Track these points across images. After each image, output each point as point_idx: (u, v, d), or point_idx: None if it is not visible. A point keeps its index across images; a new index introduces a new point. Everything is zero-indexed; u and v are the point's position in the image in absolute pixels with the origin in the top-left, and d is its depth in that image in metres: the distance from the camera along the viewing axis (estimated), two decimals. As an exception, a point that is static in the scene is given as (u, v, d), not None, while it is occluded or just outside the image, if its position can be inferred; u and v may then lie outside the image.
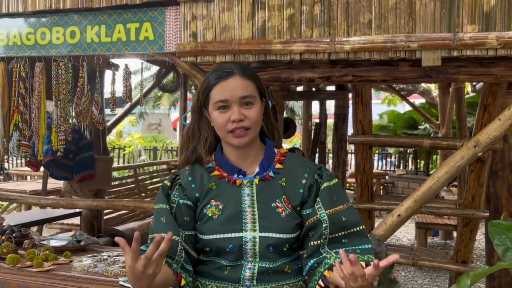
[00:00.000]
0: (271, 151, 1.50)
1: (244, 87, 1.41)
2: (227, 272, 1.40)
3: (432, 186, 2.34)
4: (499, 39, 2.16)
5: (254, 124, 1.41)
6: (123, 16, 2.75)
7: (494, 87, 2.80)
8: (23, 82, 3.05)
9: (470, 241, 3.13)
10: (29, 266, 2.52)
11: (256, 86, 1.46)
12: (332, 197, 1.43)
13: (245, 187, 1.43)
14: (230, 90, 1.40)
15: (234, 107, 1.40)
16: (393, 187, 9.54)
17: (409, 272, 5.34)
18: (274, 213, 1.40)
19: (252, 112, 1.41)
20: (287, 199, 1.42)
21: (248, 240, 1.38)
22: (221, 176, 1.46)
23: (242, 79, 1.42)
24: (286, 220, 1.39)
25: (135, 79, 12.63)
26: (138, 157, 12.46)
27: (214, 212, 1.42)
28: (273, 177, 1.45)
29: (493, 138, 2.27)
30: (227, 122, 1.40)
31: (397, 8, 2.31)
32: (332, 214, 1.41)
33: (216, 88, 1.42)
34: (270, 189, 1.43)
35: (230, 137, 1.42)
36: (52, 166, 4.04)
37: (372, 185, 3.29)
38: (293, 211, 1.41)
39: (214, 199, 1.43)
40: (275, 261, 1.39)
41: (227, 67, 1.46)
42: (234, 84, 1.41)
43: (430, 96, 8.05)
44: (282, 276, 1.41)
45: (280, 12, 2.46)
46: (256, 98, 1.43)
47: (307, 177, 1.45)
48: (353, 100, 3.21)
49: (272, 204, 1.41)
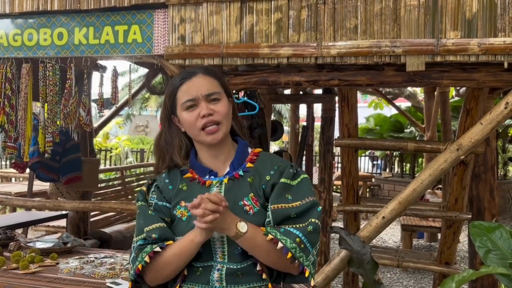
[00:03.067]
0: (243, 150, 1.50)
1: (208, 84, 1.44)
2: (198, 273, 1.41)
3: (416, 189, 2.39)
4: (481, 46, 2.22)
5: (223, 117, 1.42)
6: (111, 18, 2.75)
7: (476, 92, 2.86)
8: (9, 83, 3.03)
9: (453, 242, 3.18)
10: (15, 269, 2.50)
11: (221, 84, 1.47)
12: (283, 193, 1.40)
13: (214, 187, 1.44)
14: (195, 88, 1.42)
15: (202, 104, 1.41)
16: (379, 190, 9.64)
17: (394, 273, 5.40)
18: (241, 212, 1.39)
19: (219, 107, 1.42)
20: (254, 196, 1.41)
21: (216, 239, 1.39)
22: (193, 178, 1.47)
23: (206, 76, 1.45)
24: (253, 218, 1.39)
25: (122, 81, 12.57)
26: (125, 159, 12.39)
27: (183, 213, 1.43)
28: (242, 175, 1.44)
29: (475, 142, 2.32)
30: (197, 119, 1.41)
31: (383, 14, 2.36)
32: (276, 209, 1.39)
33: (181, 89, 1.44)
34: (239, 187, 1.43)
35: (202, 135, 1.42)
36: (38, 167, 4.01)
37: (357, 188, 3.33)
38: (261, 209, 1.41)
39: (184, 200, 1.44)
40: (242, 262, 1.39)
41: (190, 69, 1.49)
42: (198, 82, 1.43)
43: (415, 99, 8.15)
44: (252, 278, 1.39)
45: (268, 16, 2.49)
46: (222, 94, 1.45)
47: (273, 174, 1.44)
48: (339, 103, 3.25)
49: (240, 202, 1.41)
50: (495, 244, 2.09)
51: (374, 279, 2.34)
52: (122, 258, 2.74)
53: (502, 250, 2.05)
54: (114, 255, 2.82)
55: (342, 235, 2.34)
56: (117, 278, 2.39)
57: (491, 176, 3.53)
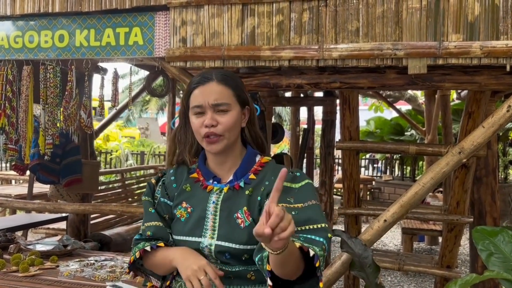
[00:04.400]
0: (250, 160, 1.48)
1: (219, 94, 1.41)
2: None
3: (418, 192, 2.38)
4: (483, 48, 2.21)
5: (226, 131, 1.40)
6: (113, 21, 2.75)
7: (478, 95, 2.85)
8: (10, 85, 3.03)
9: (454, 246, 3.17)
10: (14, 271, 2.49)
11: (234, 94, 1.44)
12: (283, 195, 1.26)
13: (213, 194, 1.44)
14: (205, 96, 1.41)
15: (208, 113, 1.40)
16: (379, 193, 9.62)
17: (395, 277, 5.38)
18: (233, 224, 1.38)
19: (225, 119, 1.40)
20: (248, 210, 1.39)
21: (204, 246, 1.39)
22: (197, 180, 1.48)
23: (219, 85, 1.42)
24: (243, 231, 1.37)
25: (123, 83, 12.57)
26: (125, 161, 12.39)
27: (182, 214, 1.44)
28: (242, 187, 1.43)
29: (477, 145, 2.31)
30: (201, 126, 1.41)
31: (384, 17, 2.35)
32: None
33: (194, 93, 1.43)
34: (236, 199, 1.42)
35: (204, 143, 1.43)
36: (39, 170, 4.01)
37: (359, 191, 3.32)
38: (252, 223, 1.37)
39: (185, 201, 1.46)
40: (234, 266, 1.39)
41: (208, 73, 1.47)
42: (210, 90, 1.41)
43: (416, 102, 8.15)
44: (244, 281, 1.39)
45: (270, 19, 2.48)
46: (231, 105, 1.42)
47: (267, 184, 1.40)
48: (341, 106, 3.24)
49: (234, 214, 1.39)
50: (498, 248, 2.07)
51: (375, 283, 2.33)
52: (123, 260, 2.73)
53: (505, 253, 2.04)
54: (114, 257, 2.81)
55: (344, 238, 2.33)
56: (117, 281, 2.38)
57: (492, 179, 3.52)
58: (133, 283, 2.30)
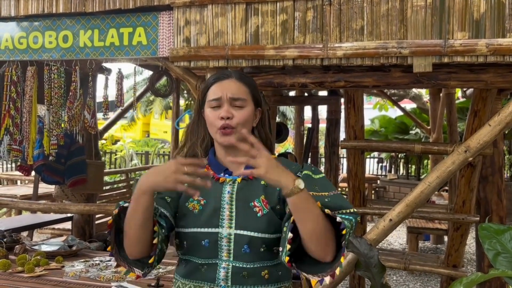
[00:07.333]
0: None
1: (236, 89, 1.48)
2: (203, 270, 1.42)
3: (424, 191, 2.36)
4: (489, 46, 2.19)
5: (239, 124, 1.44)
6: (116, 21, 2.75)
7: (484, 93, 2.83)
8: (14, 86, 3.03)
9: (461, 245, 3.15)
10: (20, 272, 2.50)
11: (250, 92, 1.51)
12: (309, 182, 1.36)
13: (227, 184, 1.46)
14: (223, 90, 1.47)
15: (225, 106, 1.45)
16: (384, 192, 9.59)
17: (400, 276, 5.36)
18: (251, 212, 1.41)
19: (240, 114, 1.45)
20: (265, 198, 1.43)
21: (223, 236, 1.40)
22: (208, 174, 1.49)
23: (237, 81, 1.49)
24: (262, 219, 1.40)
25: (127, 83, 12.60)
26: (130, 161, 12.41)
27: (195, 206, 1.45)
28: (257, 178, 1.44)
29: (483, 144, 2.30)
30: (217, 119, 1.45)
31: (389, 15, 2.34)
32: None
33: (212, 87, 1.49)
34: (251, 188, 1.45)
35: (218, 135, 1.46)
36: (44, 170, 4.02)
37: (364, 190, 3.31)
38: (270, 211, 1.41)
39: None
40: (250, 263, 1.39)
41: (227, 71, 1.55)
42: (229, 85, 1.48)
43: (421, 101, 8.11)
44: (258, 281, 1.40)
45: (273, 18, 2.47)
46: (247, 101, 1.48)
47: None
48: (345, 105, 3.23)
49: (251, 203, 1.42)
50: (505, 247, 2.05)
51: (381, 282, 2.32)
52: (128, 261, 2.73)
53: (512, 253, 2.02)
54: (119, 258, 2.81)
55: (349, 238, 2.32)
56: (122, 281, 2.38)
57: (498, 178, 3.50)
58: (138, 284, 2.30)
